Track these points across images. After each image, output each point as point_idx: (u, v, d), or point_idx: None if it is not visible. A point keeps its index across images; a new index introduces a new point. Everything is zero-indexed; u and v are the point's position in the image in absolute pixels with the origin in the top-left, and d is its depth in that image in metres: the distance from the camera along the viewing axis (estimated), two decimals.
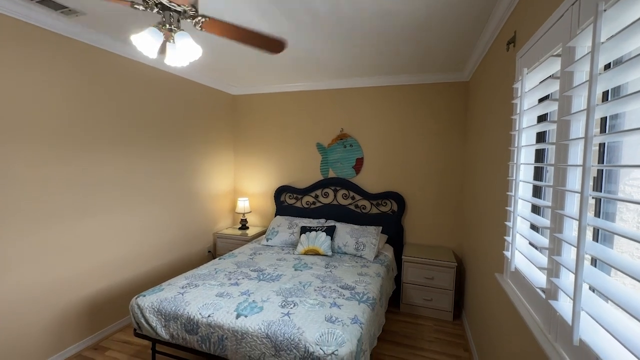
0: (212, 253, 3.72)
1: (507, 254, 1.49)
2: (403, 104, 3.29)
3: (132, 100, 2.62)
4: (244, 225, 3.79)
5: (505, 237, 1.51)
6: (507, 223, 1.50)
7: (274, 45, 1.73)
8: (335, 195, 3.57)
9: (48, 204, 2.07)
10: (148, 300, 1.97)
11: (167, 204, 3.03)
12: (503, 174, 1.73)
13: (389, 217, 3.33)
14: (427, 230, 3.30)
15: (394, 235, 3.30)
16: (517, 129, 1.38)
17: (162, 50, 1.73)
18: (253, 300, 1.95)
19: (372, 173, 3.46)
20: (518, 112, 1.37)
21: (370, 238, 2.96)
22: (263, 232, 3.78)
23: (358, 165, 3.49)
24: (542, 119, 1.40)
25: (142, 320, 1.94)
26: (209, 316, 1.80)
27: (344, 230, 3.08)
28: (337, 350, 1.52)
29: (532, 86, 1.30)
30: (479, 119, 2.45)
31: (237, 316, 1.78)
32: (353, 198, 3.49)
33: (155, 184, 2.88)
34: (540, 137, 1.42)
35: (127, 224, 2.62)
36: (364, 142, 3.46)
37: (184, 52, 1.46)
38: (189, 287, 2.12)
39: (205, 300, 1.95)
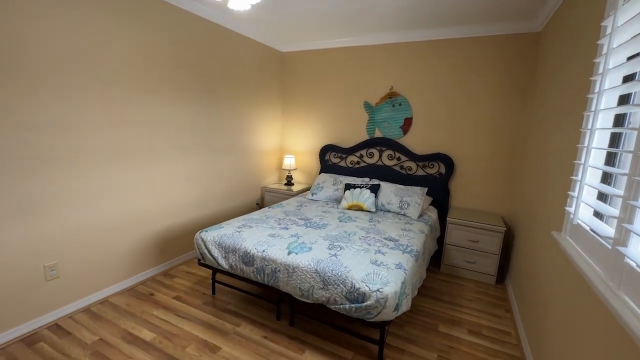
0: (260, 205, 3.97)
1: (570, 209, 1.42)
2: (459, 60, 3.06)
3: (195, 55, 2.76)
4: (289, 182, 3.96)
5: (569, 192, 1.44)
6: (573, 177, 1.42)
7: None
8: (380, 156, 3.55)
9: (124, 145, 2.34)
10: (210, 235, 2.21)
11: (222, 156, 3.24)
12: (574, 127, 1.59)
13: (435, 179, 3.26)
14: (476, 194, 3.19)
15: (440, 198, 3.24)
16: (600, 71, 1.25)
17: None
18: (302, 242, 2.10)
19: (420, 134, 3.35)
20: (604, 52, 1.23)
21: (415, 197, 2.94)
22: (307, 189, 3.93)
23: (406, 125, 3.40)
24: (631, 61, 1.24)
25: (205, 251, 2.20)
26: (263, 251, 1.99)
27: (388, 189, 3.10)
28: (382, 288, 1.61)
29: (628, 19, 1.15)
30: (551, 72, 2.23)
31: (289, 253, 1.94)
32: (399, 159, 3.45)
33: (212, 137, 3.09)
34: (627, 81, 1.28)
35: (188, 171, 2.88)
36: (413, 101, 3.33)
37: None
38: (244, 228, 2.33)
39: (259, 238, 2.14)
